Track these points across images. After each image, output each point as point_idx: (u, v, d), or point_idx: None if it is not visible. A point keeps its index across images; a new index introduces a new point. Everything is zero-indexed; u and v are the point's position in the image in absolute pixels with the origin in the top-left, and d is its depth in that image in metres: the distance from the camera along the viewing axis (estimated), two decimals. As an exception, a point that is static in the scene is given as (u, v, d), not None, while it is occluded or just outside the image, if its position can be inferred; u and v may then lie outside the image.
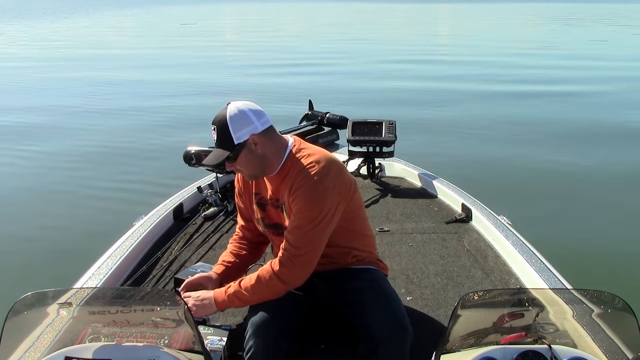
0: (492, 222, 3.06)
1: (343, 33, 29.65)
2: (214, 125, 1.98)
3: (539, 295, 1.60)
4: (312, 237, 1.95)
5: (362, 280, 2.06)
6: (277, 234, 2.11)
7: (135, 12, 47.61)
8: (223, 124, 1.95)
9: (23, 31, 30.04)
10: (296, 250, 1.94)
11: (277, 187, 2.05)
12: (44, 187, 6.20)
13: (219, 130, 1.96)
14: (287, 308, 1.95)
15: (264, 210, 2.13)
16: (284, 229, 2.05)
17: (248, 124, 1.96)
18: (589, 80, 13.60)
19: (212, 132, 1.99)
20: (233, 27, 34.82)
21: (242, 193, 2.22)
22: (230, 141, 1.95)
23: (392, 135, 3.86)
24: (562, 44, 22.92)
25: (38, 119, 9.48)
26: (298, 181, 1.95)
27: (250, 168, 2.02)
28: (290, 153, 2.02)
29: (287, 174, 2.00)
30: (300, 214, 1.94)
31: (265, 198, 2.12)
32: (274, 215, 2.10)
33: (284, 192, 2.01)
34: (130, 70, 15.33)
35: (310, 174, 1.94)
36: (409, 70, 15.33)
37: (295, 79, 13.67)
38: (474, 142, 7.94)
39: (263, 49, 21.31)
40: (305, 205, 1.93)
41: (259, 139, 1.97)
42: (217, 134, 1.97)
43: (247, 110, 1.97)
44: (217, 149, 2.00)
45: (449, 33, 30.66)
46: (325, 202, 1.94)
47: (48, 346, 1.45)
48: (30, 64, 16.75)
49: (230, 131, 1.94)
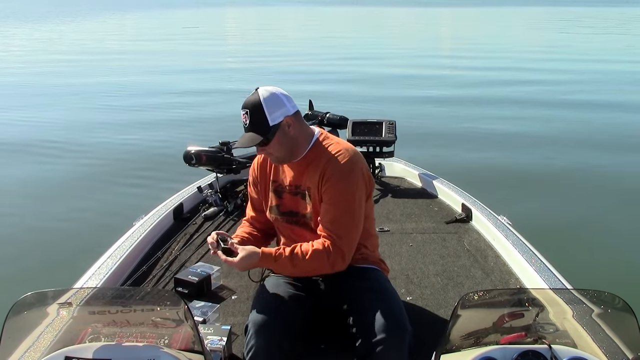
0: (492, 222, 3.06)
1: (343, 36, 29.63)
2: (246, 109, 1.98)
3: (539, 295, 1.60)
4: (351, 225, 2.02)
5: (365, 280, 2.06)
6: (290, 221, 2.13)
7: (131, 17, 47.57)
8: (257, 107, 1.95)
9: (27, 34, 30.01)
10: (340, 240, 1.98)
11: (300, 174, 2.07)
12: (44, 187, 6.20)
13: (253, 113, 1.96)
14: (288, 308, 1.96)
15: (280, 197, 2.14)
16: (298, 216, 2.08)
17: (281, 105, 1.98)
18: (588, 80, 13.61)
19: (243, 117, 1.99)
20: (235, 31, 34.81)
21: (258, 182, 2.22)
22: (265, 123, 1.96)
23: (392, 135, 3.86)
24: (563, 48, 22.92)
25: (38, 120, 9.48)
26: (330, 169, 1.99)
27: (282, 150, 2.03)
28: (317, 140, 2.07)
29: (313, 161, 2.03)
30: (336, 204, 1.99)
31: (283, 185, 2.13)
32: (290, 202, 2.12)
33: (310, 179, 2.04)
34: (131, 72, 15.33)
35: (342, 163, 1.99)
36: (410, 71, 15.33)
37: (295, 79, 13.67)
38: (474, 142, 7.94)
39: (263, 52, 21.30)
40: (340, 194, 1.99)
41: (292, 121, 2.00)
42: (249, 118, 1.97)
43: (278, 93, 2.00)
44: (249, 133, 1.99)
45: (450, 36, 30.65)
46: (357, 190, 2.02)
47: (48, 346, 1.45)
48: (33, 66, 16.74)
49: (265, 113, 1.95)
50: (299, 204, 2.10)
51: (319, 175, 2.01)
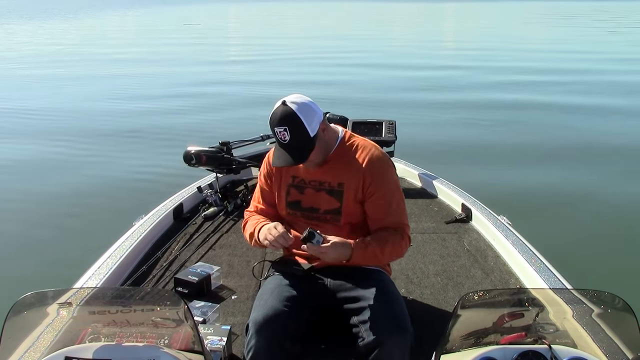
0: (492, 222, 3.06)
1: (344, 32, 29.61)
2: (284, 126, 1.94)
3: (539, 295, 1.60)
4: (405, 211, 2.17)
5: (370, 280, 2.06)
6: (310, 217, 2.13)
7: (132, 13, 47.52)
8: (296, 122, 1.94)
9: (30, 30, 30.00)
10: (407, 228, 2.14)
11: (327, 170, 2.09)
12: (44, 187, 6.20)
13: (293, 129, 1.95)
14: (290, 308, 1.95)
15: (302, 193, 2.14)
16: (319, 212, 2.10)
17: (314, 114, 1.99)
18: (588, 81, 13.61)
19: (281, 134, 1.96)
20: (236, 27, 34.79)
21: (273, 176, 2.21)
22: (307, 136, 1.97)
23: (392, 135, 3.86)
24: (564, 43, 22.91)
25: (37, 119, 9.48)
26: (373, 166, 2.06)
27: (320, 156, 2.05)
28: (343, 138, 2.12)
29: (343, 158, 2.08)
30: (390, 196, 2.09)
31: (306, 181, 2.13)
32: (313, 198, 2.12)
33: (343, 175, 2.07)
34: (133, 69, 15.34)
35: (381, 158, 2.10)
36: (410, 72, 15.32)
37: (295, 79, 13.67)
38: (474, 142, 7.94)
39: (263, 49, 21.29)
40: (389, 187, 2.09)
41: (324, 125, 2.04)
42: (290, 134, 1.95)
43: (306, 101, 2.00)
44: (292, 150, 1.97)
45: (453, 32, 30.65)
46: (397, 179, 2.18)
47: (48, 346, 1.45)
48: (37, 60, 16.75)
49: (305, 126, 1.95)
50: (322, 200, 2.11)
51: (359, 173, 2.05)
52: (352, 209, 2.09)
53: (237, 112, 9.90)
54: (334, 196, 2.09)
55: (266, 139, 3.89)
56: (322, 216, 2.12)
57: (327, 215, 2.11)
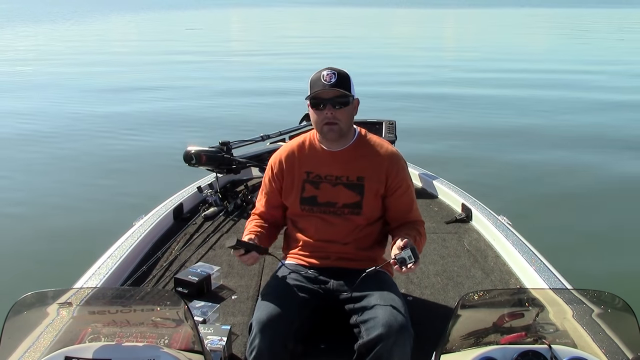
0: (492, 222, 3.06)
1: (345, 36, 29.61)
2: (333, 71, 2.03)
3: (539, 295, 1.60)
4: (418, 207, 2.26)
5: (371, 280, 2.06)
6: (327, 212, 2.13)
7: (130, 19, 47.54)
8: (345, 75, 2.06)
9: (35, 35, 30.00)
10: (424, 223, 2.23)
11: (344, 164, 2.12)
12: (44, 187, 6.21)
13: (341, 77, 2.03)
14: (293, 308, 1.95)
15: (318, 188, 2.15)
16: (336, 207, 2.12)
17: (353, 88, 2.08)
18: (588, 81, 13.61)
19: (328, 76, 2.02)
20: (238, 32, 34.80)
21: (284, 173, 2.20)
22: (349, 89, 2.05)
23: (392, 135, 3.86)
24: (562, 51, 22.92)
25: (38, 121, 9.47)
26: (394, 164, 2.14)
27: (347, 123, 2.09)
28: (360, 134, 2.18)
29: (361, 153, 2.13)
30: (409, 193, 2.18)
31: (322, 176, 2.14)
32: (329, 192, 2.13)
33: (363, 170, 2.12)
34: (133, 73, 15.34)
35: (398, 156, 2.18)
36: (410, 71, 15.33)
37: (295, 77, 13.67)
38: (474, 142, 7.94)
39: (264, 53, 21.30)
40: (408, 184, 2.18)
41: (357, 105, 2.12)
42: (336, 77, 2.02)
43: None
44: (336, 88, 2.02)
45: (454, 37, 30.64)
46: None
47: (48, 346, 1.45)
48: (37, 65, 16.76)
49: (351, 82, 2.06)
50: (341, 194, 2.12)
51: (381, 168, 2.11)
52: (372, 203, 2.13)
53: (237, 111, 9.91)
54: (353, 190, 2.11)
55: (266, 139, 3.89)
56: (340, 210, 2.13)
57: (345, 209, 2.12)
